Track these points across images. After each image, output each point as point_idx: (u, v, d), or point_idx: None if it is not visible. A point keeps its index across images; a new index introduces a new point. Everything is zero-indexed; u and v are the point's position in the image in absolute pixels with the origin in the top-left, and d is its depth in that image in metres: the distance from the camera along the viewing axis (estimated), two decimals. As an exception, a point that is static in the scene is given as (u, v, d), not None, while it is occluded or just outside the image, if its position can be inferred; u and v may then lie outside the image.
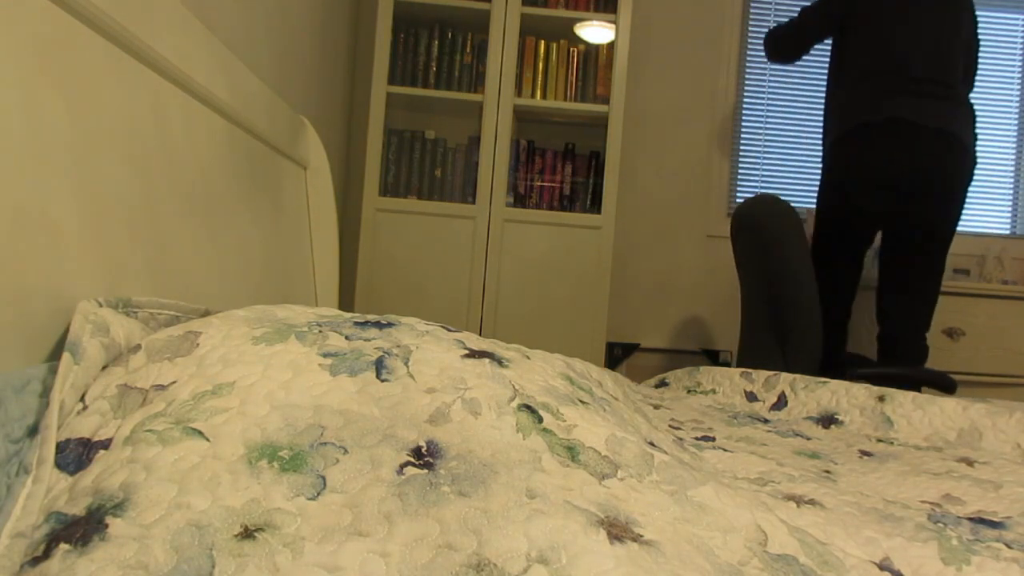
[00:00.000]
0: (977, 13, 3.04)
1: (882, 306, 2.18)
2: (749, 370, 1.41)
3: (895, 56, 2.09)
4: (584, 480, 0.54)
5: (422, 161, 2.76)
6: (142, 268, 0.84)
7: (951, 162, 2.03)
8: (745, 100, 3.14)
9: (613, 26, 2.65)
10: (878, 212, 2.12)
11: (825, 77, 2.68)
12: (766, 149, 3.13)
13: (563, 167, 2.78)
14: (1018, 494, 0.82)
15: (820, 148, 3.18)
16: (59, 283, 0.67)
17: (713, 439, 1.03)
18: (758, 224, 2.09)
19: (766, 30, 2.68)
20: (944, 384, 1.96)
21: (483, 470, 0.53)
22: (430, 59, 2.71)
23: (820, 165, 2.30)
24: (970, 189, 2.11)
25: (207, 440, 0.53)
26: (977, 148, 2.14)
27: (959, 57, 2.12)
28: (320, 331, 0.67)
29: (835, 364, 2.18)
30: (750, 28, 3.13)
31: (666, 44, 3.05)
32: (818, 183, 2.28)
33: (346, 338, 0.67)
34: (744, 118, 3.13)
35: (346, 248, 2.81)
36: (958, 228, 3.12)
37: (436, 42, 2.71)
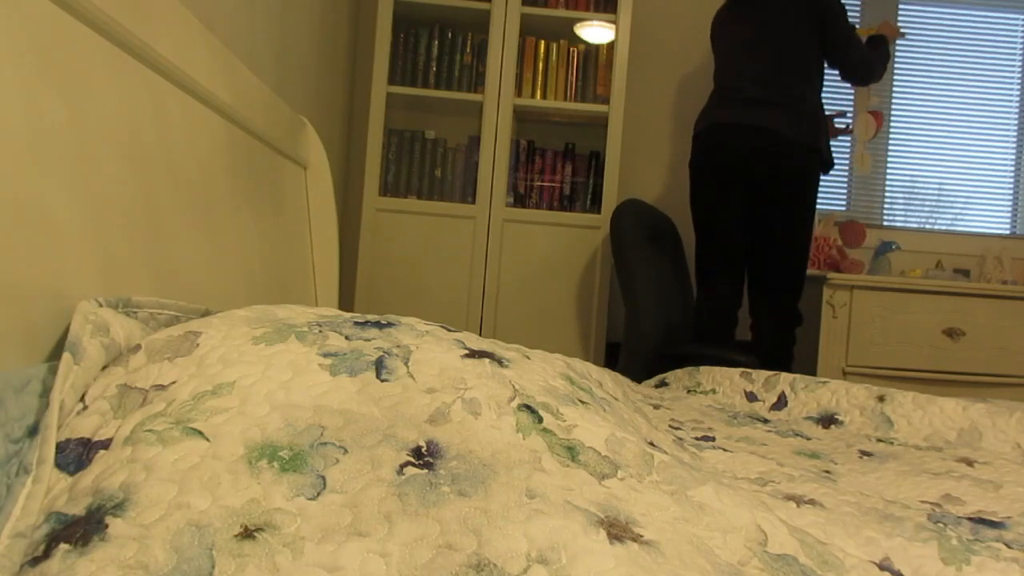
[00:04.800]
0: (976, 13, 3.03)
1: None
2: (749, 370, 1.41)
3: (729, 79, 2.34)
4: (584, 480, 0.54)
5: (422, 161, 2.76)
6: (142, 268, 0.84)
7: (767, 150, 2.21)
8: (745, 100, 3.13)
9: (613, 26, 2.65)
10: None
11: (823, 80, 2.74)
12: (766, 149, 3.13)
13: (563, 167, 2.78)
14: (1018, 494, 0.82)
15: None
16: (59, 283, 0.67)
17: (713, 439, 1.03)
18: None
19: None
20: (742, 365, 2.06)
21: (483, 470, 0.53)
22: (430, 59, 2.71)
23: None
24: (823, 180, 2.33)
25: (207, 440, 0.53)
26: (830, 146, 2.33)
27: (793, 56, 2.28)
28: (320, 331, 0.67)
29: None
30: (750, 28, 3.13)
31: (666, 44, 3.05)
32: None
33: (346, 338, 0.67)
34: (744, 118, 3.13)
35: (346, 248, 2.81)
36: (946, 227, 3.12)
37: (436, 42, 2.70)
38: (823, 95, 2.34)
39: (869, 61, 2.37)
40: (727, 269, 2.33)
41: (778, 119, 2.19)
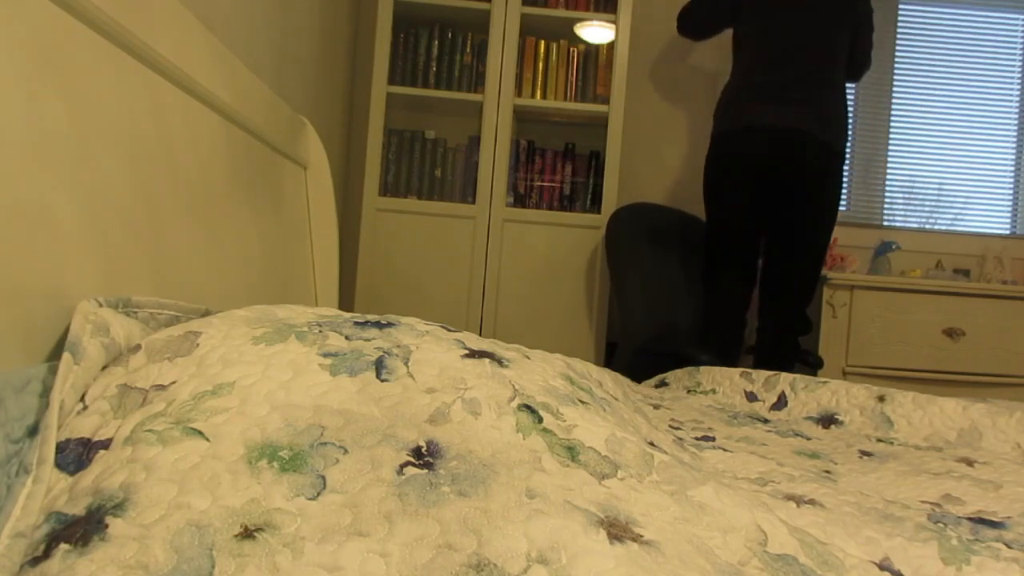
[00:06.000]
0: (976, 13, 3.03)
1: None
2: (749, 370, 1.41)
3: (760, 74, 2.23)
4: (584, 480, 0.54)
5: (422, 161, 2.76)
6: (142, 268, 0.84)
7: (797, 153, 2.17)
8: (745, 100, 3.13)
9: (613, 26, 2.65)
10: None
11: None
12: (766, 149, 3.12)
13: (563, 167, 2.78)
14: (1018, 494, 0.82)
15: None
16: (59, 283, 0.67)
17: (713, 439, 1.03)
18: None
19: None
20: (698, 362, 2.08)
21: (483, 470, 0.53)
22: (430, 59, 2.71)
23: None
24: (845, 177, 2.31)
25: (207, 440, 0.53)
26: (848, 137, 2.25)
27: (830, 56, 2.23)
28: (320, 331, 0.67)
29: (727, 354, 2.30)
30: (750, 28, 3.13)
31: (666, 44, 3.05)
32: None
33: (346, 338, 0.67)
34: (744, 118, 3.13)
35: (346, 248, 2.82)
36: (946, 227, 3.12)
37: (436, 42, 2.70)
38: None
39: (867, 67, 2.38)
40: (740, 270, 2.29)
41: (810, 121, 2.15)
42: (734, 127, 2.22)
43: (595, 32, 2.72)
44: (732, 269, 2.28)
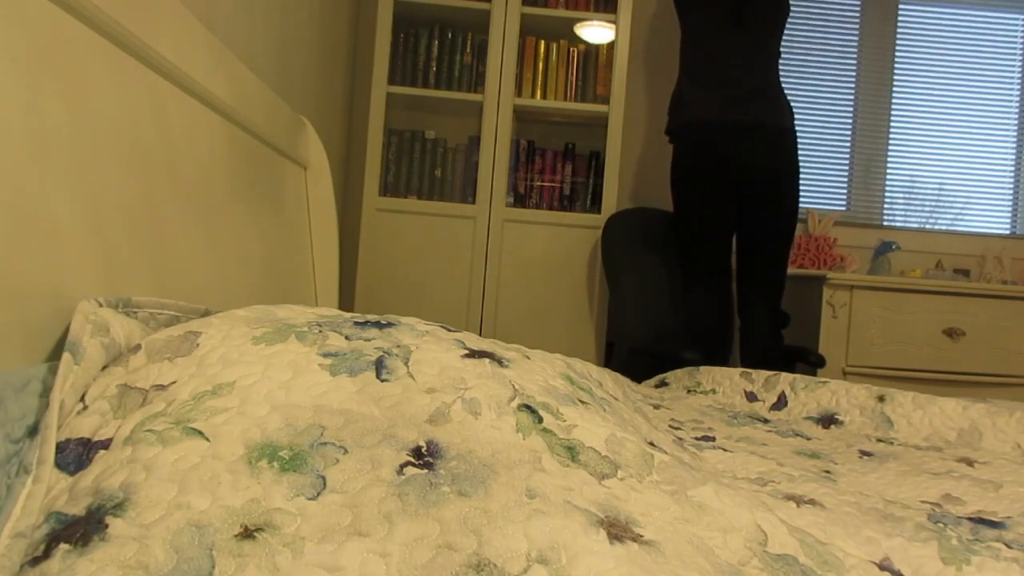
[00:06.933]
0: (976, 13, 3.04)
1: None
2: (749, 370, 1.41)
3: (707, 63, 2.24)
4: (584, 480, 0.54)
5: (422, 161, 2.76)
6: (142, 268, 0.84)
7: (761, 147, 2.17)
8: (745, 100, 3.13)
9: (613, 26, 2.65)
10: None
11: (822, 75, 2.70)
12: (766, 149, 3.12)
13: (563, 167, 2.78)
14: (1018, 494, 0.82)
15: (818, 147, 3.17)
16: (59, 283, 0.67)
17: (713, 439, 1.03)
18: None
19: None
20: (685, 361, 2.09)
21: (483, 470, 0.53)
22: (430, 59, 2.71)
23: (822, 163, 2.33)
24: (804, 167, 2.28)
25: (207, 440, 0.53)
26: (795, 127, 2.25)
27: (766, 55, 2.24)
28: (320, 331, 0.67)
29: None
30: (750, 28, 3.12)
31: (666, 44, 3.05)
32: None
33: (346, 338, 0.67)
34: (744, 118, 3.12)
35: (346, 248, 2.82)
36: (946, 227, 3.12)
37: (436, 42, 2.70)
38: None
39: None
40: (720, 270, 2.28)
41: (764, 110, 2.16)
42: (688, 124, 2.25)
43: (595, 32, 2.71)
44: (711, 271, 2.28)
